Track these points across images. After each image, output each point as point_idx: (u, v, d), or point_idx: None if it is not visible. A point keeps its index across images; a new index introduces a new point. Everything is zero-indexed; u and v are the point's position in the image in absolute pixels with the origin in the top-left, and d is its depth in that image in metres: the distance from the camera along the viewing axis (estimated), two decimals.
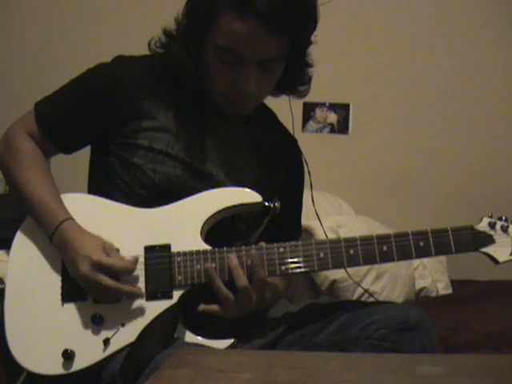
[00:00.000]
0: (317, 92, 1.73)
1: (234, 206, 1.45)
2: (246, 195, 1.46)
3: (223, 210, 1.45)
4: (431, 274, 2.80)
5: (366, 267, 2.50)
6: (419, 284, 2.74)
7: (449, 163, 3.25)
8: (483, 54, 3.22)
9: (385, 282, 2.56)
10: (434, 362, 1.12)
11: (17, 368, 1.40)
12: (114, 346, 1.38)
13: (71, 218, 1.43)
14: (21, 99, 1.67)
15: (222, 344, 1.33)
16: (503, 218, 1.45)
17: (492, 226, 1.44)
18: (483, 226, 1.45)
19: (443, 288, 2.82)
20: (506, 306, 2.44)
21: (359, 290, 2.48)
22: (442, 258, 2.95)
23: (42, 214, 1.45)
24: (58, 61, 3.26)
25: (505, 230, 1.44)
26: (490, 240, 1.43)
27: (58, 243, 1.42)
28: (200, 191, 1.47)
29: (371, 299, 2.41)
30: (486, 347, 2.04)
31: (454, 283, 2.87)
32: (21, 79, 3.31)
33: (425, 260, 2.83)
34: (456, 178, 3.22)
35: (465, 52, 3.23)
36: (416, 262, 2.77)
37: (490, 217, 1.45)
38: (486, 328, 2.20)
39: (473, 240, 1.43)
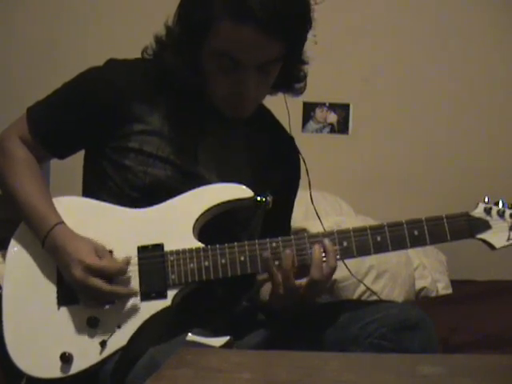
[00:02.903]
0: (317, 92, 1.73)
1: (227, 202, 1.45)
2: (238, 191, 1.46)
3: (215, 206, 1.44)
4: (431, 274, 2.80)
5: (366, 267, 2.50)
6: (419, 284, 2.74)
7: (449, 163, 3.25)
8: (483, 54, 3.22)
9: (385, 282, 2.56)
10: (434, 361, 1.12)
11: (17, 372, 1.40)
12: (110, 348, 1.38)
13: (62, 223, 1.44)
14: (21, 101, 1.67)
15: (218, 341, 1.33)
16: (500, 202, 1.42)
17: (488, 211, 1.41)
18: (479, 211, 1.41)
19: (443, 288, 2.82)
20: (505, 305, 2.44)
21: (359, 290, 2.48)
22: (442, 257, 2.96)
23: (34, 219, 1.45)
24: (57, 63, 3.25)
25: (501, 215, 1.40)
26: (486, 226, 1.40)
27: (51, 248, 1.42)
28: None
29: (371, 298, 2.42)
30: (486, 347, 2.04)
31: (454, 283, 2.87)
32: (21, 81, 3.31)
33: (425, 260, 2.83)
34: (457, 178, 3.22)
35: (465, 51, 3.23)
36: (416, 261, 2.77)
37: (486, 202, 1.42)
38: (485, 328, 2.20)
39: (468, 227, 1.40)
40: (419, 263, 2.79)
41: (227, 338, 1.34)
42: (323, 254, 1.38)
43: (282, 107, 1.60)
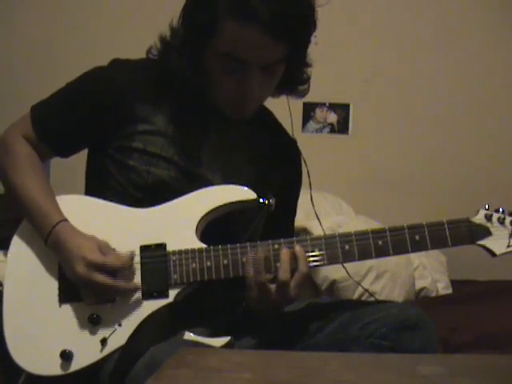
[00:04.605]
0: (317, 92, 1.73)
1: (230, 204, 1.45)
2: (241, 192, 1.46)
3: (218, 207, 1.45)
4: (431, 274, 2.80)
5: (366, 267, 2.50)
6: (419, 284, 2.74)
7: (449, 163, 3.25)
8: (483, 54, 3.22)
9: (385, 282, 2.56)
10: (433, 361, 1.12)
11: (16, 369, 1.40)
12: (111, 346, 1.38)
13: (65, 220, 1.44)
14: (21, 101, 1.67)
15: (219, 342, 1.33)
16: (500, 209, 1.42)
17: (488, 218, 1.42)
18: (479, 218, 1.42)
19: (443, 288, 2.82)
20: (506, 305, 2.45)
21: (359, 290, 2.48)
22: (442, 257, 2.96)
23: (37, 216, 1.45)
24: (57, 63, 3.26)
25: (501, 221, 1.41)
26: (486, 232, 1.41)
27: (53, 245, 1.43)
28: None
29: (371, 298, 2.41)
30: (486, 347, 2.04)
31: (454, 283, 2.88)
32: (21, 81, 3.31)
33: (425, 260, 2.83)
34: (457, 178, 3.22)
35: (465, 52, 3.23)
36: (416, 262, 2.77)
37: (487, 209, 1.43)
38: (485, 328, 2.20)
39: (469, 233, 1.41)
40: (419, 263, 2.79)
41: (228, 338, 1.34)
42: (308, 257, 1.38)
43: (283, 108, 1.60)
